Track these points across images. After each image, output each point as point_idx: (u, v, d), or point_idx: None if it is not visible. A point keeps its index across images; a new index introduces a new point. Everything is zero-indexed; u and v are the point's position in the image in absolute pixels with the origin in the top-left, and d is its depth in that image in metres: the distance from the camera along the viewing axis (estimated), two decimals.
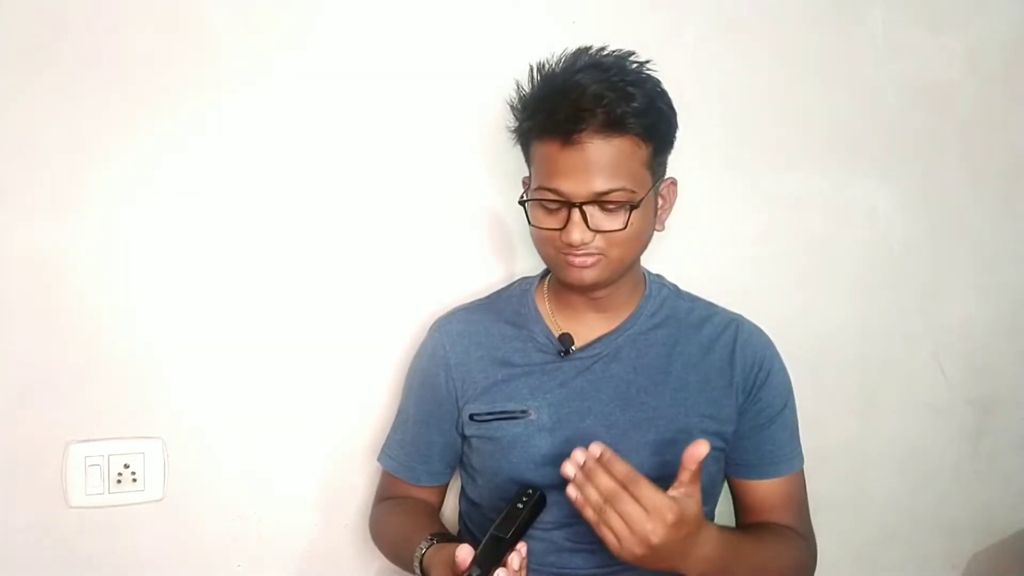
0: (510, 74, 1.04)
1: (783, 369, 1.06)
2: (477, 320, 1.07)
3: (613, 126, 0.88)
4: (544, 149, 0.92)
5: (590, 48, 0.96)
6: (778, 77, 1.26)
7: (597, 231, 0.90)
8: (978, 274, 1.42)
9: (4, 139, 0.99)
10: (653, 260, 1.09)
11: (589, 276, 0.93)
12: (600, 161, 0.88)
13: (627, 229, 0.90)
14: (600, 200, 0.89)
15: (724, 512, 1.10)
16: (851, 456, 1.38)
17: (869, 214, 1.34)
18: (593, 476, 0.80)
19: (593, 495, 0.80)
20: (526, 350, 1.03)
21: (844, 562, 1.37)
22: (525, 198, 0.96)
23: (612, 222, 0.91)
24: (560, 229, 0.91)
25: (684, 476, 0.81)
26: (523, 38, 1.13)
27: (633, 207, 0.90)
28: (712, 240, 1.26)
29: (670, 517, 0.78)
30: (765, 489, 1.04)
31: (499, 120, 1.10)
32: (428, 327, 1.10)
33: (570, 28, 1.14)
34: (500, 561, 0.79)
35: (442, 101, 1.13)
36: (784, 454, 1.05)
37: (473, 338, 1.05)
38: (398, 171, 1.13)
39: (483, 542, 0.82)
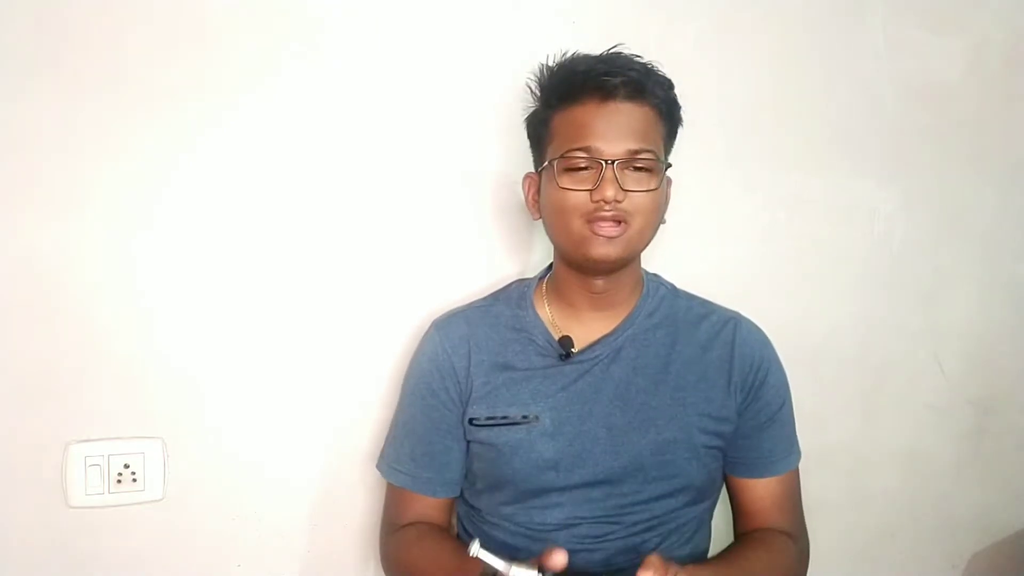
0: (510, 74, 1.05)
1: (780, 367, 1.07)
2: (476, 323, 1.06)
3: (642, 93, 0.93)
4: (576, 112, 0.94)
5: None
6: (778, 77, 1.26)
7: (628, 191, 0.92)
8: (978, 274, 1.42)
9: (4, 139, 0.99)
10: (652, 259, 1.09)
11: (614, 251, 0.94)
12: (632, 122, 0.93)
13: (654, 192, 0.94)
14: (632, 158, 0.92)
15: (722, 513, 1.11)
16: (851, 456, 1.38)
17: (869, 214, 1.34)
18: None
19: None
20: (526, 353, 1.02)
21: (844, 562, 1.37)
22: (546, 164, 0.97)
23: (641, 183, 0.93)
24: (591, 189, 0.92)
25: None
26: (524, 38, 1.13)
27: (666, 166, 0.96)
28: (712, 240, 1.26)
29: None
30: (762, 488, 1.05)
31: (499, 120, 1.11)
32: (426, 327, 1.09)
33: (570, 28, 1.14)
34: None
35: (442, 100, 1.13)
36: (781, 452, 1.05)
37: (474, 341, 1.04)
38: (396, 170, 1.13)
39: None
